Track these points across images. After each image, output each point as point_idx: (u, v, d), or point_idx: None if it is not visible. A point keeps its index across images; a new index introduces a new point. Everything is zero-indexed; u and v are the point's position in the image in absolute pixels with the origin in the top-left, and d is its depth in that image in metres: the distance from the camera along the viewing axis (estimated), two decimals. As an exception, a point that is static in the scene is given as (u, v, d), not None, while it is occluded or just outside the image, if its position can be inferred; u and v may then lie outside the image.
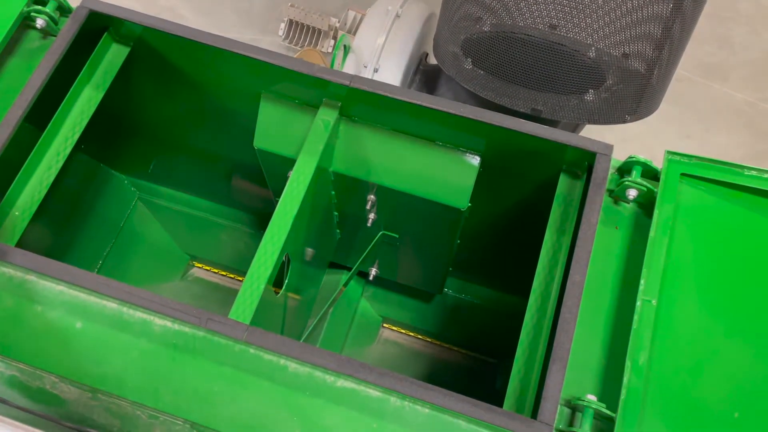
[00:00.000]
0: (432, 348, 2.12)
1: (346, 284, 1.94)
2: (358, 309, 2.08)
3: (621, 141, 1.14)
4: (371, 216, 1.61)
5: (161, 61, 1.45)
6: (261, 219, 2.10)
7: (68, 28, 1.30)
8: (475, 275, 1.97)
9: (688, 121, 3.13)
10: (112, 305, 1.12)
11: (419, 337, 2.13)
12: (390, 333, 2.15)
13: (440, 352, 2.11)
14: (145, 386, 1.08)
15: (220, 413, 1.06)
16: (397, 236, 1.70)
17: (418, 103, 1.25)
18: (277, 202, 1.31)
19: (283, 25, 2.67)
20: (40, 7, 1.36)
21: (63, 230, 1.81)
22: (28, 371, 1.13)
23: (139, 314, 1.12)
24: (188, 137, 1.80)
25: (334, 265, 2.02)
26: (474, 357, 2.08)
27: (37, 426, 1.02)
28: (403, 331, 2.13)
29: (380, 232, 1.70)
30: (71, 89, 1.34)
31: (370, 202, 1.54)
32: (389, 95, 1.26)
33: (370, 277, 1.93)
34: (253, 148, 1.50)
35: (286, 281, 1.48)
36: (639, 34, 1.45)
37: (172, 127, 1.76)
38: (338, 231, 1.79)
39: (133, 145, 1.90)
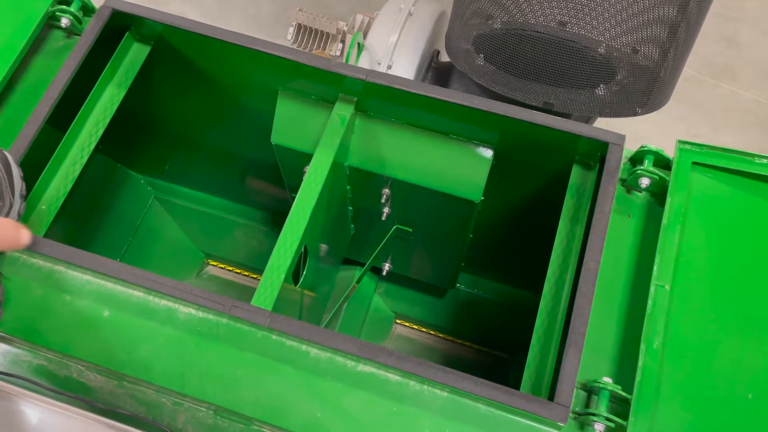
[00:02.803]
0: (444, 344, 2.14)
1: (359, 279, 1.96)
2: (372, 305, 2.10)
3: (630, 141, 1.15)
4: (385, 210, 1.64)
5: (180, 59, 1.48)
6: (276, 217, 2.13)
7: (92, 28, 1.33)
8: (487, 270, 1.99)
9: (697, 120, 3.15)
10: (138, 294, 1.15)
11: (432, 332, 2.15)
12: (403, 329, 2.17)
13: (452, 347, 2.13)
14: (171, 372, 1.11)
15: (243, 397, 1.09)
16: (410, 230, 1.73)
17: (433, 96, 1.28)
18: (293, 198, 1.34)
19: (291, 30, 2.71)
20: (64, 7, 1.40)
21: (82, 230, 1.85)
22: (56, 360, 1.16)
23: (164, 302, 1.15)
24: (205, 136, 1.83)
25: (348, 262, 2.05)
26: (486, 352, 2.10)
27: (70, 405, 1.05)
28: (415, 326, 2.16)
29: (394, 227, 1.73)
30: (95, 87, 1.37)
31: (384, 196, 1.57)
32: (404, 89, 1.29)
33: (384, 273, 1.95)
34: (269, 146, 1.53)
35: (303, 276, 1.51)
36: (648, 29, 1.47)
37: (189, 125, 1.80)
38: (353, 226, 1.82)
39: (150, 145, 1.93)
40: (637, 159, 1.25)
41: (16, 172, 1.15)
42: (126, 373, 1.11)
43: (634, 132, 3.04)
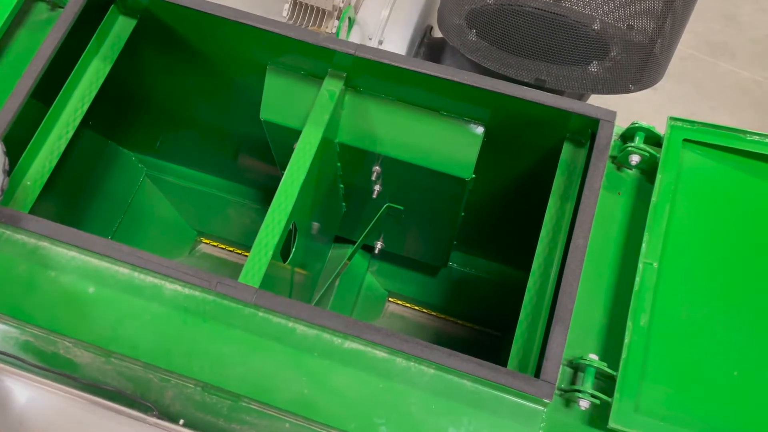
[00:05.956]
0: (437, 321, 2.14)
1: (350, 257, 1.96)
2: (364, 283, 2.10)
3: (625, 120, 1.14)
4: (377, 188, 1.63)
5: (168, 33, 1.46)
6: (267, 194, 2.12)
7: (76, 0, 1.31)
8: (479, 248, 1.98)
9: (694, 99, 3.12)
10: (123, 270, 1.15)
11: (424, 311, 2.15)
12: (395, 307, 2.17)
13: (445, 325, 2.14)
14: (158, 348, 1.10)
15: (230, 374, 1.09)
16: (402, 208, 1.72)
17: (423, 71, 1.26)
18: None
19: (287, 6, 2.66)
20: (47, -21, 1.37)
21: (72, 207, 1.83)
22: (43, 336, 1.16)
23: (150, 279, 1.14)
24: (195, 112, 1.81)
25: (340, 240, 2.04)
26: (478, 330, 2.11)
27: (53, 381, 1.04)
28: (408, 305, 2.16)
29: (385, 205, 1.72)
30: (79, 61, 1.35)
31: (375, 174, 1.55)
32: (394, 64, 1.27)
33: (376, 251, 1.95)
34: (259, 122, 1.51)
35: (293, 253, 1.50)
36: (643, 4, 1.45)
37: (178, 102, 1.78)
38: (344, 204, 1.81)
39: (140, 122, 1.91)
40: (627, 136, 1.24)
41: (-1, 147, 1.14)
42: (112, 350, 1.11)
43: (630, 111, 3.01)
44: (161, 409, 1.11)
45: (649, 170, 1.22)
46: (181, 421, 1.08)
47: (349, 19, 1.76)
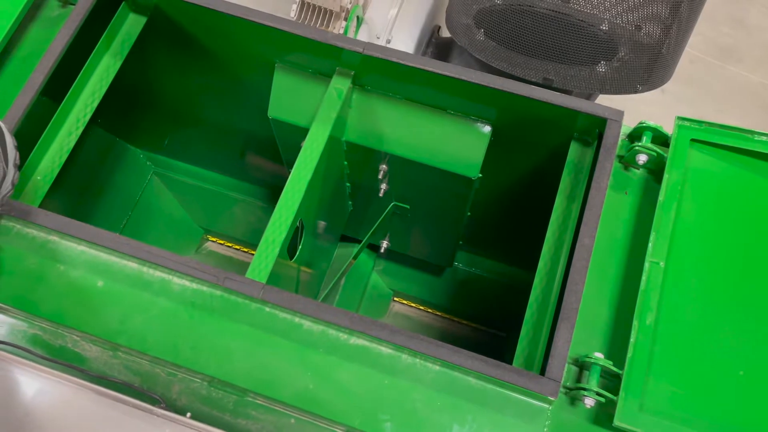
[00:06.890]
0: (442, 321, 2.15)
1: (356, 255, 1.96)
2: (369, 283, 2.11)
3: (632, 122, 1.15)
4: (383, 186, 1.63)
5: (177, 31, 1.47)
6: (274, 193, 2.13)
7: (87, -3, 1.32)
8: (485, 249, 1.99)
9: (702, 102, 3.12)
10: (132, 265, 1.16)
11: (429, 310, 2.15)
12: (400, 306, 2.18)
13: (450, 325, 2.14)
14: (165, 342, 1.11)
15: (236, 369, 1.09)
16: (408, 207, 1.72)
17: (431, 69, 1.26)
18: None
19: (294, 7, 2.67)
20: (59, -24, 1.39)
21: (80, 204, 1.85)
22: (51, 329, 1.17)
23: (159, 273, 1.15)
24: (204, 110, 1.82)
25: (346, 239, 2.05)
26: (483, 330, 2.11)
27: (63, 373, 1.05)
28: (413, 304, 2.16)
29: (392, 203, 1.72)
30: (90, 57, 1.36)
31: (382, 172, 1.56)
32: (402, 62, 1.27)
33: (381, 250, 1.95)
34: (267, 120, 1.52)
35: (299, 251, 1.51)
36: (651, 6, 1.45)
37: (187, 99, 1.79)
38: (350, 203, 1.81)
39: (148, 119, 1.92)
40: (635, 135, 1.24)
41: (10, 142, 1.15)
42: (120, 344, 1.12)
43: (637, 113, 3.00)
44: (168, 403, 1.12)
45: (656, 170, 1.22)
46: (188, 414, 1.09)
47: (357, 18, 1.77)
